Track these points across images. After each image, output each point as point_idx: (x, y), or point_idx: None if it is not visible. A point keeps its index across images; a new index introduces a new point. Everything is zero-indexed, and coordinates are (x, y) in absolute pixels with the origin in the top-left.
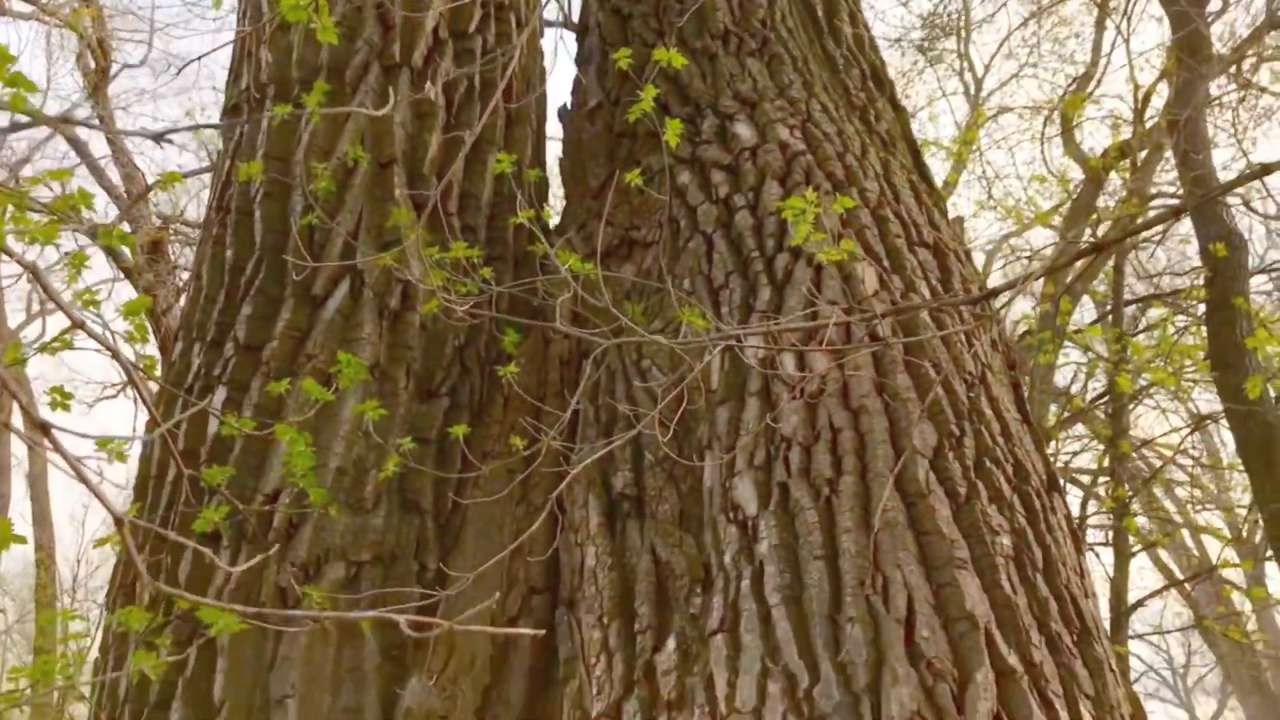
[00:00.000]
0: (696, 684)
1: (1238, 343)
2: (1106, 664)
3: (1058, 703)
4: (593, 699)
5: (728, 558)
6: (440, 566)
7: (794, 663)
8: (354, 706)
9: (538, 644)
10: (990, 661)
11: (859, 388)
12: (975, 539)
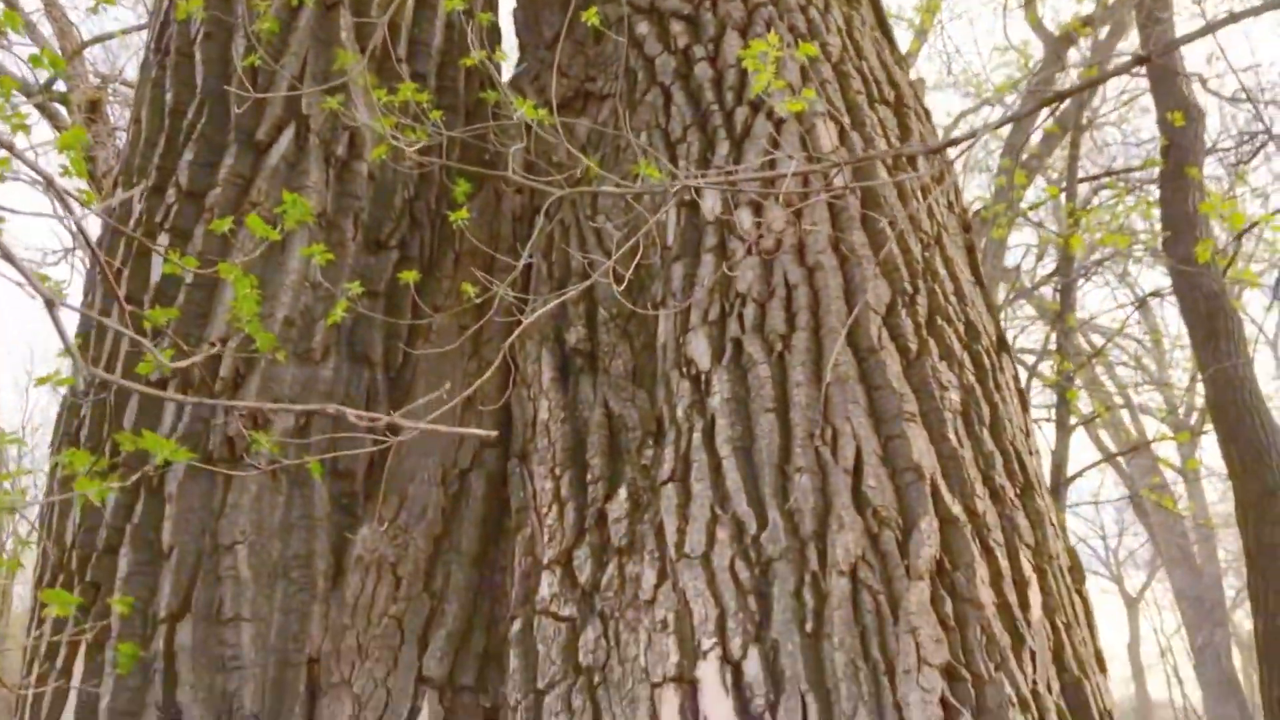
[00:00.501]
0: (647, 531)
1: (1189, 213)
2: (1047, 517)
3: (998, 550)
4: (544, 546)
5: (680, 411)
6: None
7: (743, 510)
8: (304, 553)
9: (489, 495)
10: (934, 510)
11: (815, 244)
12: (924, 394)
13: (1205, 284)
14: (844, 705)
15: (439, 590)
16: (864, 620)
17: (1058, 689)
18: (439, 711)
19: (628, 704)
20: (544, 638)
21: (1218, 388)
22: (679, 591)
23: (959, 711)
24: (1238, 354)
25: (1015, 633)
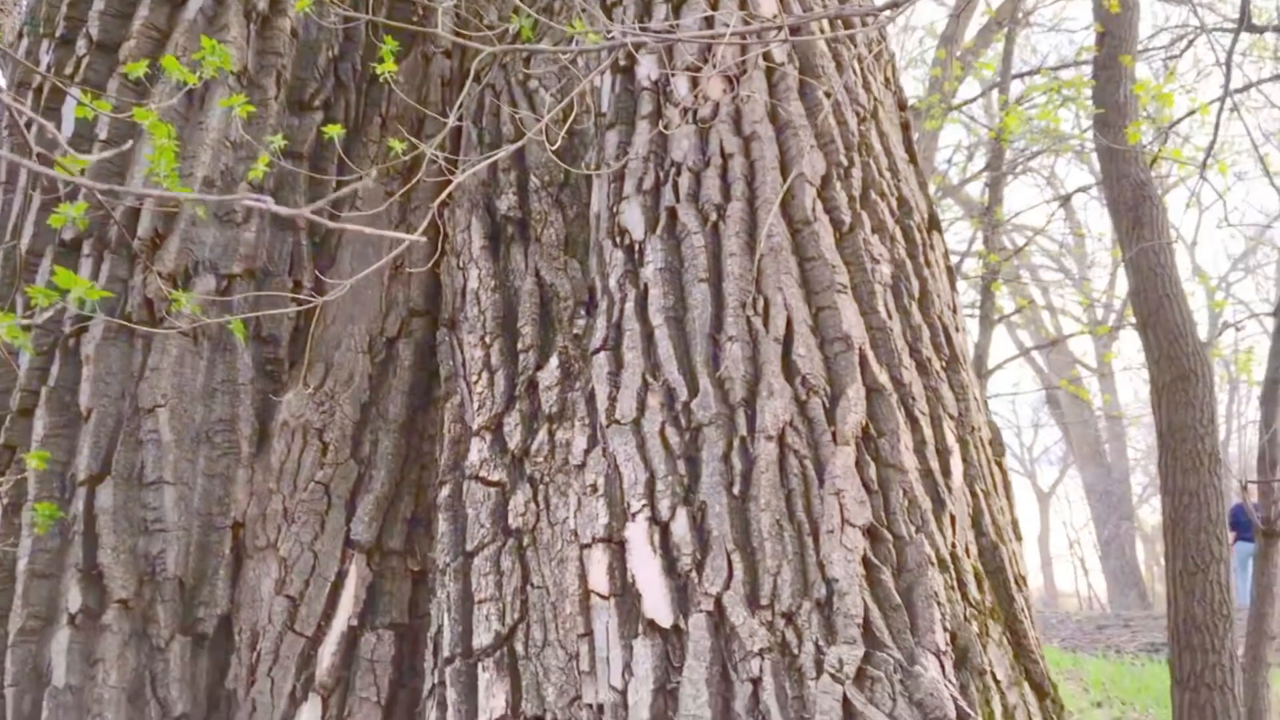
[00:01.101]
0: (578, 398)
1: (1121, 103)
2: (970, 391)
3: (923, 419)
4: (473, 413)
5: (612, 281)
6: (316, 284)
7: (674, 378)
8: (228, 418)
9: (417, 364)
10: (862, 379)
11: (751, 114)
12: (856, 266)
13: (1133, 173)
14: (768, 564)
15: (366, 457)
16: (790, 483)
17: (975, 552)
18: (366, 575)
19: (556, 565)
20: (473, 502)
21: (1140, 274)
22: (609, 456)
23: (880, 569)
24: (1161, 240)
25: (936, 498)
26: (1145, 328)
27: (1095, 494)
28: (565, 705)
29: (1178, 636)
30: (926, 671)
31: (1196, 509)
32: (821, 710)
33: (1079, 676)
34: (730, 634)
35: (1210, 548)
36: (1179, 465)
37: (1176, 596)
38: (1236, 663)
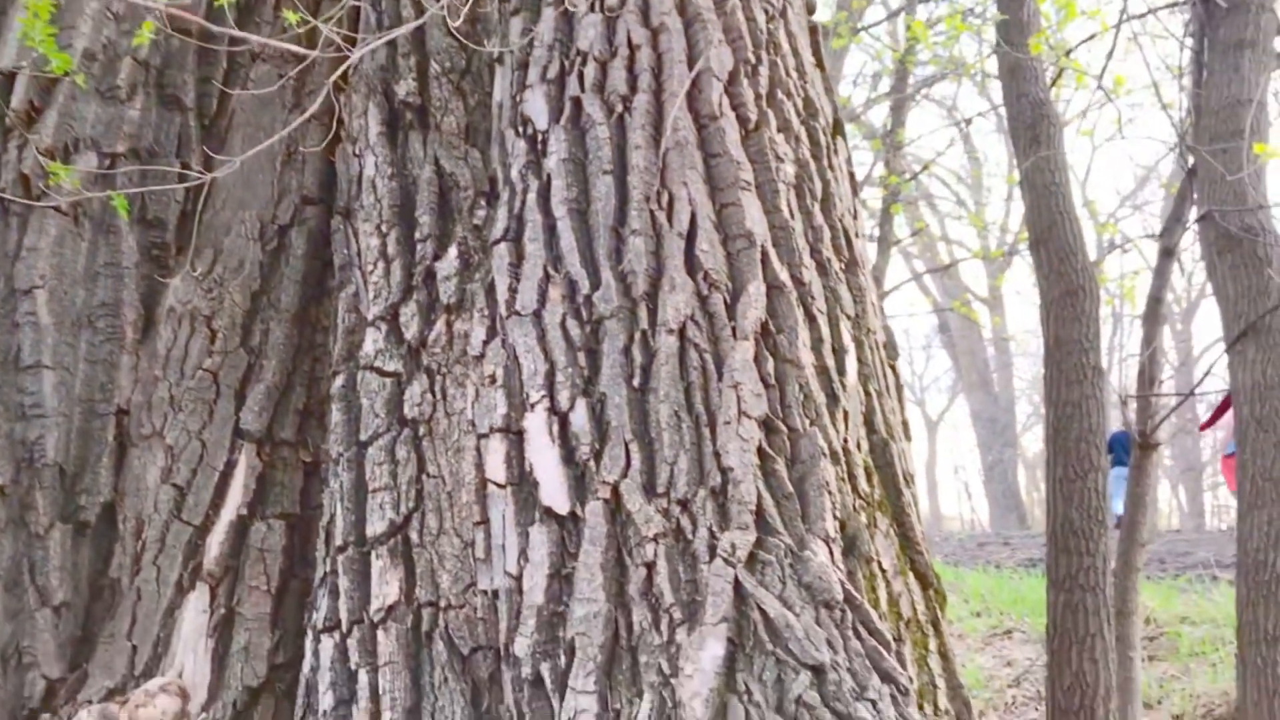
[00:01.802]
0: (477, 289)
1: (1024, 21)
2: (868, 294)
3: (820, 318)
4: (369, 303)
5: (514, 171)
6: (205, 167)
7: (576, 270)
8: (111, 301)
9: (311, 253)
10: (763, 276)
11: (660, 5)
12: (761, 164)
13: (1033, 92)
14: (666, 453)
15: (257, 346)
16: (690, 376)
17: (866, 448)
18: (257, 465)
19: (453, 454)
20: (368, 392)
21: (1035, 191)
22: (508, 347)
23: (774, 460)
24: (1058, 162)
25: (831, 394)
26: (1038, 244)
27: (981, 421)
28: (460, 592)
29: (1055, 540)
30: (816, 556)
31: (1079, 419)
32: (713, 592)
33: (960, 589)
34: (626, 521)
35: (1090, 456)
36: (1064, 378)
37: (1055, 503)
38: (1109, 566)
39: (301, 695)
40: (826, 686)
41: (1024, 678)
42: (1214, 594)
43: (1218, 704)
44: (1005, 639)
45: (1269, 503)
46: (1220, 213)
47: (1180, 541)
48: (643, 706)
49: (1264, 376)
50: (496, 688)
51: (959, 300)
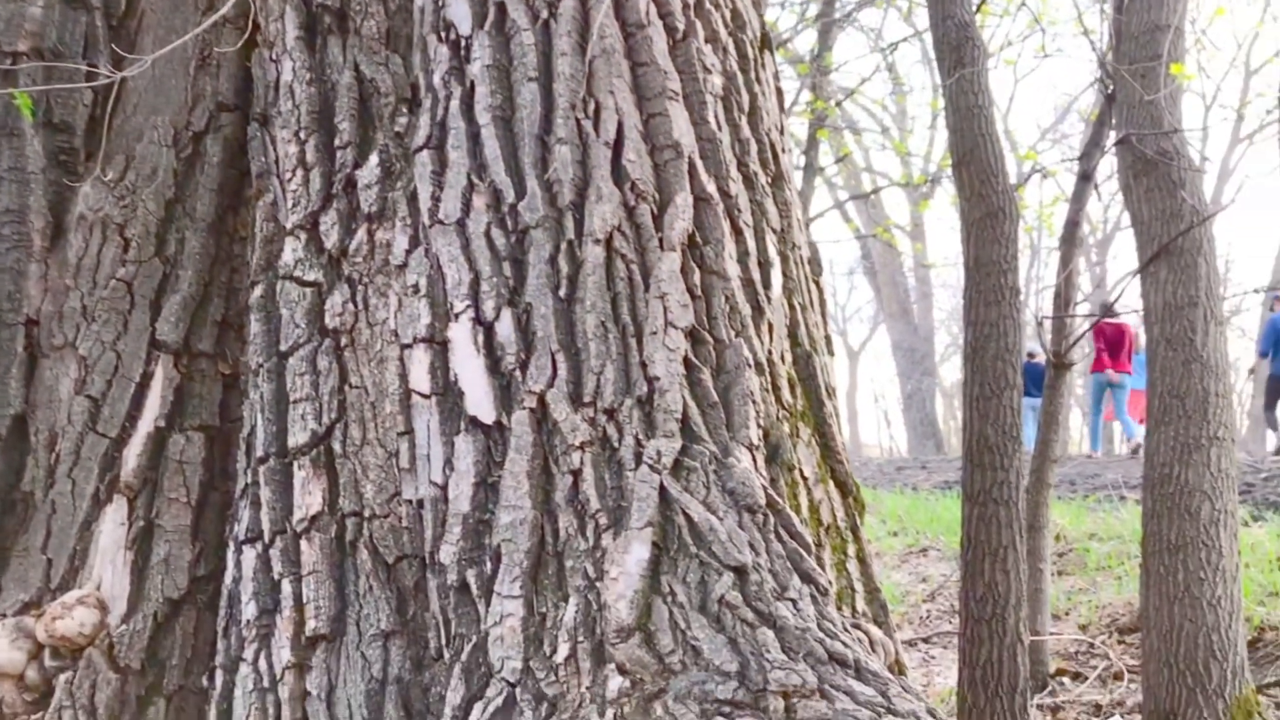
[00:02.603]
0: (399, 198)
1: None
2: (794, 209)
3: (747, 231)
4: (287, 212)
5: (437, 77)
6: (114, 69)
7: (501, 179)
8: (17, 208)
9: (227, 161)
10: (690, 187)
11: None
12: (688, 75)
13: (959, 13)
14: (592, 363)
15: (172, 256)
16: (616, 287)
17: (790, 360)
18: (174, 376)
19: (376, 365)
20: (287, 302)
21: (959, 113)
22: (432, 257)
23: (700, 370)
24: (981, 83)
25: (756, 306)
26: (960, 166)
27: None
28: (384, 501)
29: (970, 456)
30: (740, 463)
31: (996, 339)
32: (639, 498)
33: (878, 510)
34: (552, 429)
35: (1005, 374)
36: (982, 298)
37: (972, 420)
38: (1021, 482)
39: (224, 606)
40: (748, 587)
41: (939, 592)
42: (1121, 513)
43: (1122, 614)
44: (921, 556)
45: (1175, 419)
46: (1137, 137)
47: (1090, 464)
48: (568, 609)
49: (1174, 297)
50: (422, 595)
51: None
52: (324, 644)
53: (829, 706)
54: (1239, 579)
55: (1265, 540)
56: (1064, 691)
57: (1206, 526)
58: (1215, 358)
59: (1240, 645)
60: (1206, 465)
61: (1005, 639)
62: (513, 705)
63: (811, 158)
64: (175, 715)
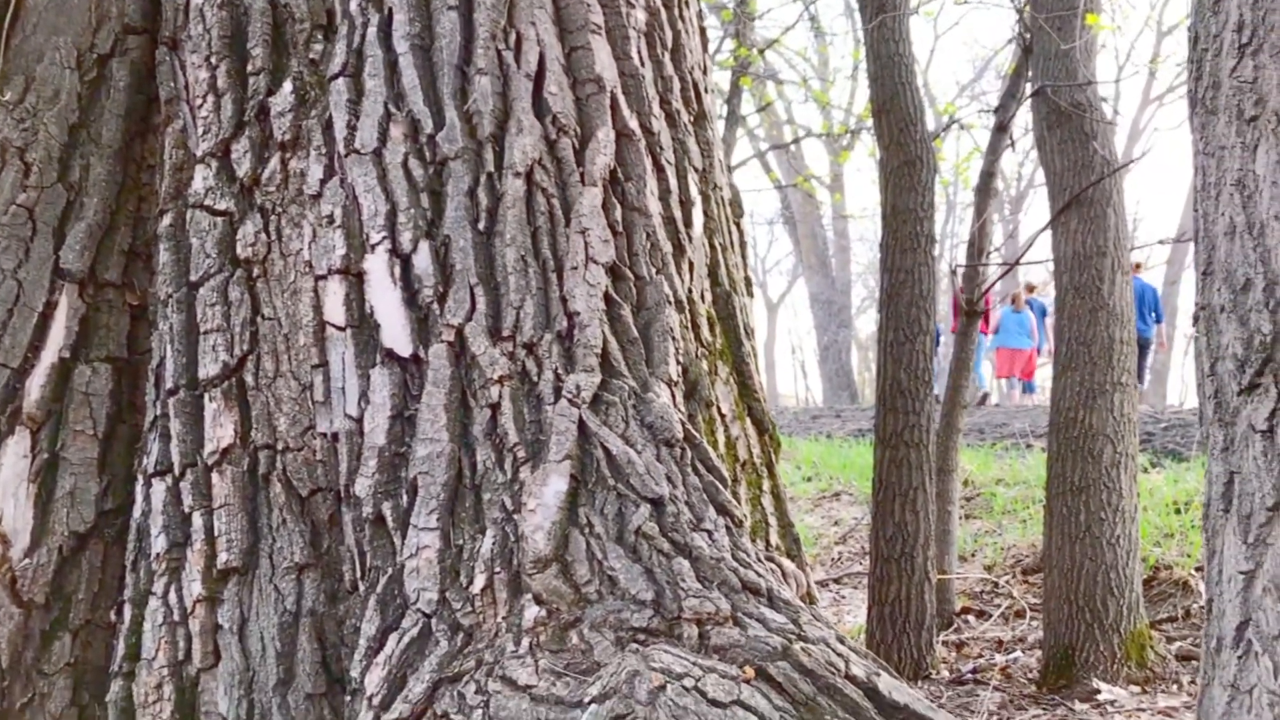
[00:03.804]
0: (314, 126)
1: None
2: (715, 150)
3: (669, 169)
4: (198, 139)
5: (354, 4)
6: None
7: (419, 109)
8: None
9: (134, 86)
10: (612, 122)
11: None
12: (611, 9)
13: None
14: (512, 297)
15: (76, 182)
16: (537, 221)
17: (710, 299)
18: (79, 306)
19: (289, 296)
20: (198, 231)
21: (879, 61)
22: (348, 187)
23: (620, 305)
24: (902, 32)
25: (677, 244)
26: (879, 114)
27: (819, 303)
28: (298, 435)
29: (884, 400)
30: (658, 399)
31: (911, 285)
32: (557, 431)
33: (792, 456)
34: (471, 363)
35: (919, 320)
36: (899, 245)
37: (886, 365)
38: (932, 426)
39: (133, 540)
40: (665, 518)
41: (850, 535)
42: (1027, 459)
43: (1026, 555)
44: (834, 500)
45: (1081, 365)
46: (1053, 89)
47: (999, 414)
48: (485, 541)
49: (1084, 246)
50: (336, 529)
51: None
52: (236, 577)
53: (741, 633)
54: (1137, 520)
55: (1163, 485)
56: (969, 628)
57: (1108, 469)
58: (1121, 306)
59: (1136, 583)
60: (1110, 410)
61: (913, 577)
62: (428, 635)
63: (734, 106)
64: (82, 650)
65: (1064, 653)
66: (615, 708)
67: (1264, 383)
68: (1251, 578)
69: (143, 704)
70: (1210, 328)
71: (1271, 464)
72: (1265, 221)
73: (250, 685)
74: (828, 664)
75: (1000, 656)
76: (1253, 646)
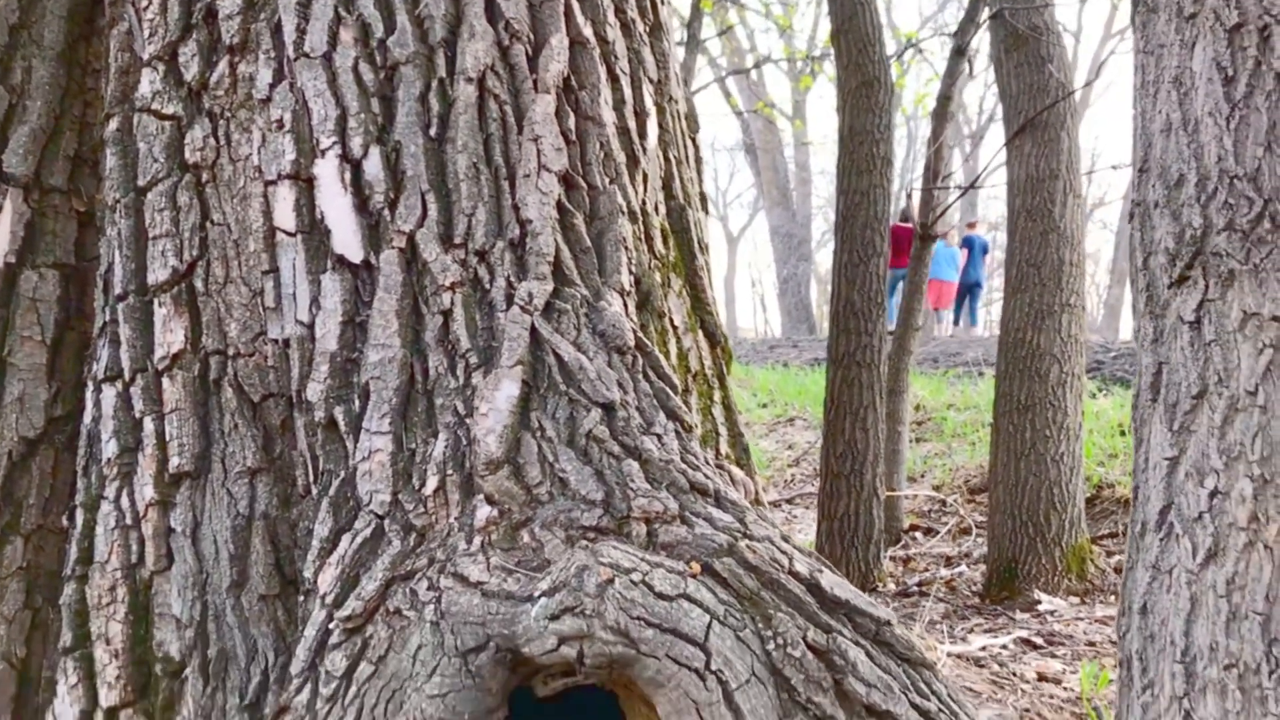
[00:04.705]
0: (263, 29)
1: None
2: (671, 63)
3: (624, 79)
4: (144, 42)
5: None
6: None
7: (369, 12)
8: None
9: None
10: (566, 30)
11: None
12: None
13: None
14: (464, 204)
15: (18, 85)
16: (489, 128)
17: (664, 212)
18: (25, 211)
19: (239, 202)
20: (145, 135)
21: None
22: (297, 91)
23: (573, 214)
24: None
25: (631, 154)
26: (838, 34)
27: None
28: (249, 340)
29: (837, 321)
30: (610, 307)
31: (866, 207)
32: (509, 337)
33: (749, 384)
34: (422, 270)
35: (873, 243)
36: (855, 167)
37: (840, 286)
38: (884, 347)
39: (83, 446)
40: (615, 422)
41: (803, 458)
42: (979, 386)
43: (974, 476)
44: (788, 426)
45: (1031, 286)
46: (1010, 11)
47: (952, 344)
48: (437, 445)
49: (1037, 170)
50: (289, 434)
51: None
52: (188, 481)
53: (689, 531)
54: (1081, 438)
55: (1109, 409)
56: (916, 545)
57: (1054, 388)
58: (1071, 229)
59: (1079, 499)
60: (1058, 330)
61: (862, 493)
62: (381, 536)
63: (694, 30)
64: (34, 554)
65: (1007, 566)
66: (564, 600)
67: (1193, 275)
68: (1175, 463)
69: (96, 606)
70: (1144, 223)
71: (1198, 353)
72: (1199, 118)
73: (204, 588)
74: (772, 560)
75: (945, 571)
76: (1174, 529)
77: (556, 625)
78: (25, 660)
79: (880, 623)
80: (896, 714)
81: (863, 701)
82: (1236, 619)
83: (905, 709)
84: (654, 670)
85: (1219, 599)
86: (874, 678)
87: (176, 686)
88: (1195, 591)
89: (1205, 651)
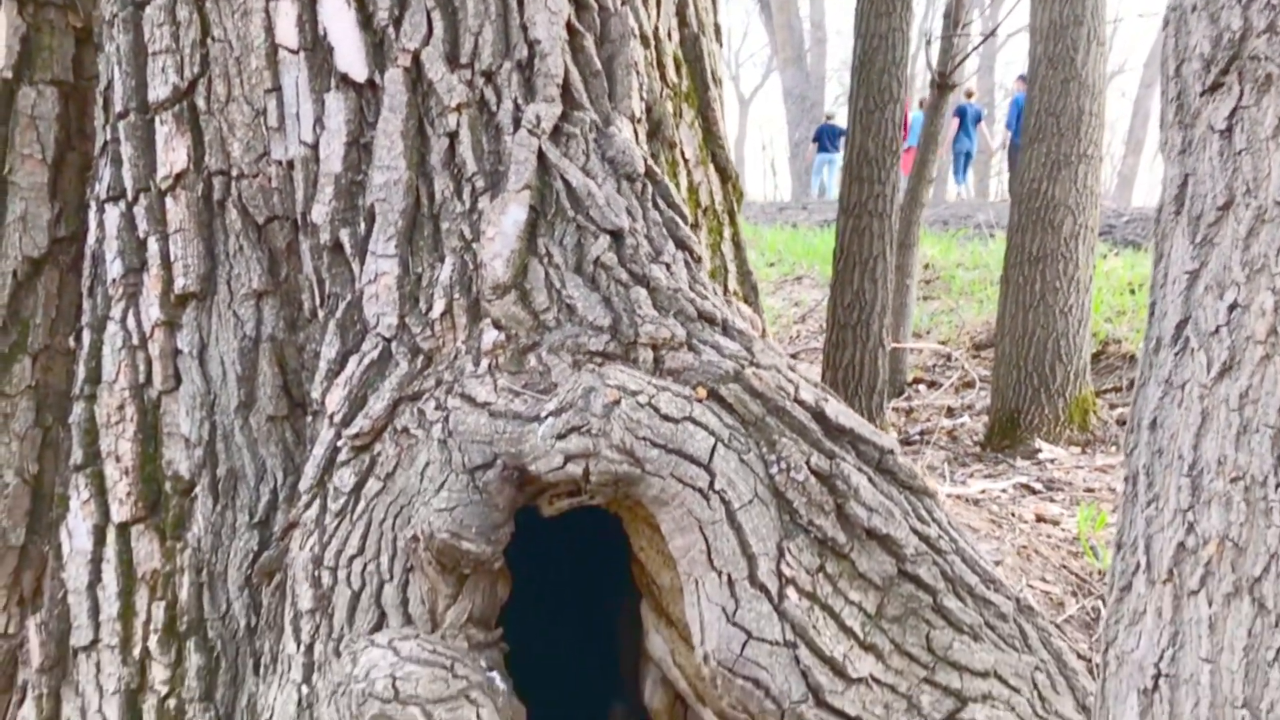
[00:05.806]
0: None
1: None
2: None
3: None
4: None
5: None
6: None
7: None
8: None
9: None
10: None
11: None
12: None
13: None
14: (470, 23)
15: None
16: None
17: (678, 39)
18: (19, 23)
19: (240, 16)
20: None
21: None
22: None
23: (583, 36)
24: None
25: None
26: None
27: (793, 98)
28: (253, 161)
29: (850, 169)
30: (620, 133)
31: (884, 51)
32: (516, 161)
33: (757, 244)
34: (428, 90)
35: (890, 88)
36: (874, 9)
37: (854, 133)
38: (897, 195)
39: (88, 266)
40: (624, 249)
41: (809, 314)
42: (989, 246)
43: (980, 332)
44: (795, 284)
45: (1049, 136)
46: None
47: (963, 206)
48: (444, 269)
49: (1060, 15)
50: (294, 257)
51: None
52: (194, 302)
53: (695, 357)
54: (1091, 291)
55: (1120, 269)
56: (919, 397)
57: (1067, 240)
58: (1094, 78)
59: (1085, 351)
60: (1074, 181)
61: (868, 343)
62: (388, 358)
63: None
64: (42, 374)
65: (1010, 415)
66: (571, 420)
67: (1228, 81)
68: (1195, 276)
69: (105, 424)
70: (1179, 28)
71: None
72: None
73: (212, 408)
74: (778, 388)
75: (947, 421)
76: (1190, 343)
77: (563, 444)
78: (38, 476)
79: (883, 450)
80: (897, 538)
81: (864, 525)
82: (1247, 432)
83: (906, 533)
84: (659, 489)
85: (1231, 413)
86: (876, 503)
87: (187, 504)
88: (1207, 405)
89: (1213, 465)
